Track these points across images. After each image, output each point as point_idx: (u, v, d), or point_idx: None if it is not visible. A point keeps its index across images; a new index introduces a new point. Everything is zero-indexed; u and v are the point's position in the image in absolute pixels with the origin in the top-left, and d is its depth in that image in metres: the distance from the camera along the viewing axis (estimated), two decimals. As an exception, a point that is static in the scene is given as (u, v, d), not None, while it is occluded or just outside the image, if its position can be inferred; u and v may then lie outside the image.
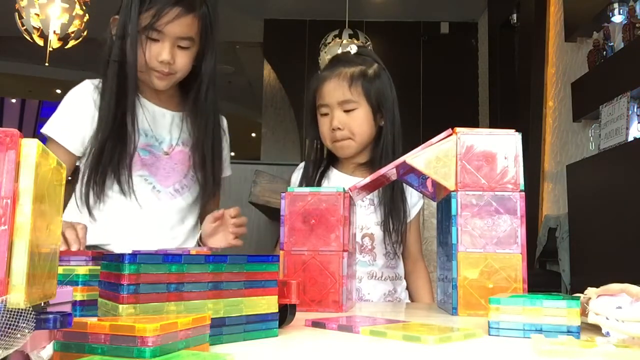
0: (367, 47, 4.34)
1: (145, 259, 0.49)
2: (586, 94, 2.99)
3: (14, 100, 9.73)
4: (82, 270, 0.61)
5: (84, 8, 3.72)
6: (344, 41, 4.30)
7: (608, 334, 0.58)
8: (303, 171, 1.44)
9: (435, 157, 0.88)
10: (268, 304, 0.58)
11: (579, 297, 0.67)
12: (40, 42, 3.65)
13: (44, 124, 1.29)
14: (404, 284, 1.41)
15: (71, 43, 3.77)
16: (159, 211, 1.30)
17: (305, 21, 5.86)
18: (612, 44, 2.79)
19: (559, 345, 0.51)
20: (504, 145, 0.87)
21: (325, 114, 1.37)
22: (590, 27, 3.04)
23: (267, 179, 1.85)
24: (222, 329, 0.53)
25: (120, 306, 0.47)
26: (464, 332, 0.60)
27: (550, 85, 3.79)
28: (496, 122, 4.72)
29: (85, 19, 3.74)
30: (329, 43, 4.38)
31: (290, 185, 1.45)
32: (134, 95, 1.23)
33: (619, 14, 2.75)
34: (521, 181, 0.86)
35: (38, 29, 3.58)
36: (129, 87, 1.21)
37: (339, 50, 4.22)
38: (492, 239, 0.84)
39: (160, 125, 1.32)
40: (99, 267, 0.55)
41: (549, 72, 3.80)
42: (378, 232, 1.35)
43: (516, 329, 0.62)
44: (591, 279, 1.70)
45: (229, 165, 1.44)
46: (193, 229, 1.36)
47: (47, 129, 1.27)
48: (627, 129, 2.46)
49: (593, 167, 2.59)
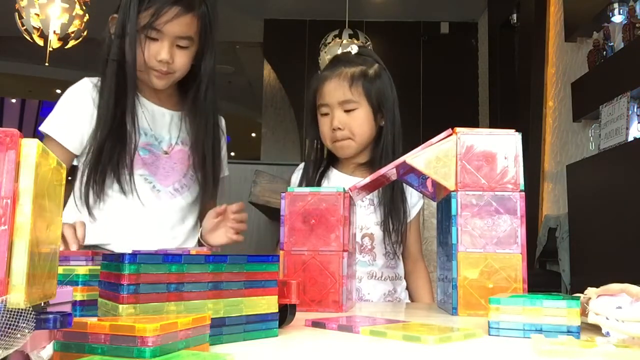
0: (367, 47, 4.34)
1: (145, 259, 0.49)
2: (586, 94, 2.99)
3: (14, 100, 9.74)
4: (82, 270, 0.61)
5: (84, 8, 3.72)
6: (344, 41, 4.30)
7: (608, 334, 0.58)
8: (303, 171, 1.44)
9: (435, 157, 0.88)
10: (268, 304, 0.58)
11: (579, 297, 0.67)
12: (40, 42, 3.65)
13: (43, 124, 1.29)
14: (403, 284, 1.41)
15: (71, 43, 3.77)
16: (159, 211, 1.30)
17: (305, 21, 5.86)
18: (612, 44, 2.79)
19: (559, 345, 0.51)
20: (504, 145, 0.87)
21: (325, 114, 1.37)
22: (590, 27, 3.04)
23: (267, 179, 1.85)
24: (222, 329, 0.53)
25: (120, 306, 0.47)
26: (464, 332, 0.60)
27: (550, 85, 3.79)
28: (496, 122, 4.72)
29: (85, 19, 3.74)
30: (329, 43, 4.38)
31: (290, 186, 1.45)
32: (133, 94, 1.23)
33: (619, 14, 2.75)
34: (521, 181, 0.86)
35: (38, 29, 3.58)
36: (128, 86, 1.21)
37: (339, 50, 4.22)
38: (492, 239, 0.84)
39: (160, 125, 1.32)
40: (99, 267, 0.55)
41: (549, 72, 3.80)
42: (378, 232, 1.35)
43: (516, 329, 0.62)
44: (591, 279, 1.70)
45: (226, 165, 1.44)
46: (193, 228, 1.36)
47: (45, 127, 1.27)
48: (627, 129, 2.46)
49: (593, 167, 2.59)
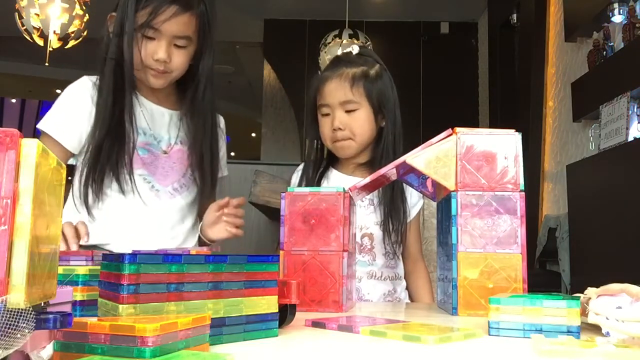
0: (367, 47, 4.34)
1: (145, 259, 0.49)
2: (586, 94, 2.99)
3: (14, 100, 9.74)
4: (82, 270, 0.61)
5: (84, 8, 3.72)
6: (344, 41, 4.30)
7: (608, 334, 0.58)
8: (302, 172, 1.44)
9: (435, 157, 0.88)
10: (268, 304, 0.58)
11: (579, 297, 0.67)
12: (40, 42, 3.65)
13: (43, 124, 1.29)
14: (403, 284, 1.41)
15: (71, 43, 3.77)
16: (158, 210, 1.29)
17: (305, 21, 5.86)
18: (612, 44, 2.79)
19: (559, 345, 0.51)
20: (504, 145, 0.87)
21: (326, 114, 1.36)
22: (590, 27, 3.04)
23: (267, 179, 1.85)
24: (222, 329, 0.53)
25: (120, 306, 0.47)
26: (464, 332, 0.60)
27: (550, 85, 3.79)
28: (496, 122, 4.72)
29: (85, 19, 3.74)
30: (329, 43, 4.38)
31: (290, 186, 1.45)
32: (131, 93, 1.23)
33: (619, 14, 2.75)
34: (521, 181, 0.86)
35: (38, 29, 3.58)
36: (126, 84, 1.21)
37: (339, 50, 4.22)
38: (492, 239, 0.84)
39: (159, 124, 1.32)
40: (99, 267, 0.55)
41: (549, 72, 3.80)
42: (377, 232, 1.35)
43: (516, 329, 0.62)
44: (591, 279, 1.70)
45: (225, 165, 1.44)
46: (192, 228, 1.36)
47: (43, 124, 1.26)
48: (627, 129, 2.46)
49: (593, 167, 2.59)
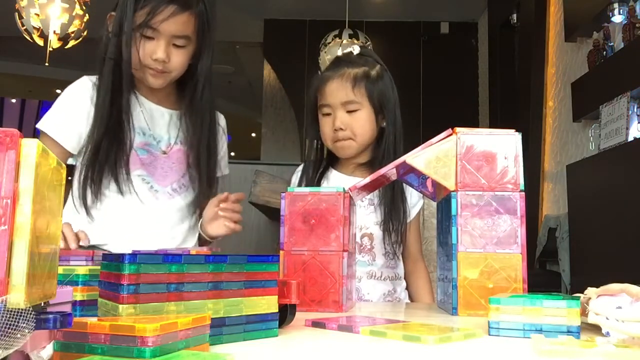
0: (367, 47, 4.34)
1: (145, 259, 0.49)
2: (586, 94, 2.99)
3: (14, 100, 9.74)
4: (82, 270, 0.61)
5: (84, 8, 3.72)
6: (344, 41, 4.30)
7: (608, 334, 0.58)
8: (302, 172, 1.44)
9: (435, 157, 0.88)
10: (268, 304, 0.58)
11: (579, 297, 0.67)
12: (40, 42, 3.64)
13: (43, 124, 1.29)
14: (403, 284, 1.41)
15: (71, 43, 3.77)
16: (156, 211, 1.29)
17: (305, 21, 5.86)
18: (612, 44, 2.79)
19: (559, 345, 0.51)
20: (504, 145, 0.87)
21: (327, 114, 1.36)
22: (590, 27, 3.04)
23: (267, 179, 1.85)
24: (222, 329, 0.53)
25: (120, 306, 0.47)
26: (464, 332, 0.60)
27: (550, 85, 3.79)
28: (496, 122, 4.72)
29: (85, 19, 3.74)
30: (329, 43, 4.38)
31: (290, 187, 1.45)
32: (129, 93, 1.23)
33: (619, 14, 2.75)
34: (521, 181, 0.86)
35: (38, 29, 3.58)
36: (124, 84, 1.20)
37: (339, 50, 4.22)
38: (492, 239, 0.84)
39: (159, 124, 1.32)
40: (99, 267, 0.55)
41: (549, 72, 3.80)
42: (377, 232, 1.35)
43: (516, 329, 0.62)
44: (591, 279, 1.70)
45: (226, 164, 1.43)
46: (192, 228, 1.36)
47: (42, 124, 1.27)
48: (627, 129, 2.46)
49: (593, 167, 2.59)
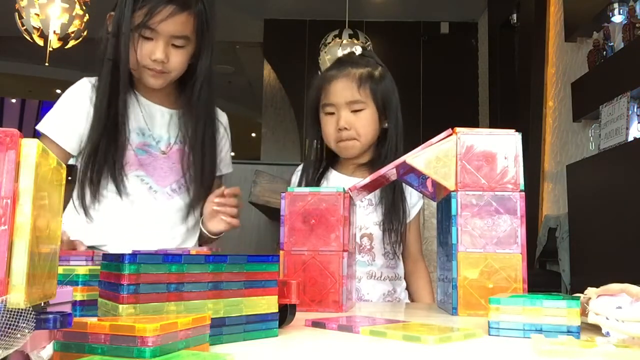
0: (367, 47, 4.34)
1: (145, 259, 0.49)
2: (586, 94, 2.99)
3: (14, 100, 9.74)
4: (82, 270, 0.61)
5: (84, 8, 3.72)
6: (344, 41, 4.30)
7: (608, 334, 0.58)
8: (302, 172, 1.44)
9: (435, 157, 0.88)
10: (268, 304, 0.58)
11: (579, 297, 0.67)
12: (40, 42, 3.65)
13: (43, 124, 1.29)
14: (403, 284, 1.41)
15: (71, 43, 3.77)
16: (155, 211, 1.29)
17: (305, 21, 5.86)
18: (612, 44, 2.79)
19: (559, 345, 0.51)
20: (504, 145, 0.87)
21: (330, 113, 1.36)
22: (590, 27, 3.04)
23: (267, 179, 1.85)
24: (222, 329, 0.53)
25: (120, 306, 0.47)
26: (464, 332, 0.60)
27: (550, 85, 3.79)
28: (496, 122, 4.72)
29: (85, 19, 3.74)
30: (329, 43, 4.37)
31: (290, 187, 1.45)
32: (126, 93, 1.23)
33: (619, 14, 2.75)
34: (521, 181, 0.86)
35: (38, 29, 3.58)
36: (121, 85, 1.20)
37: (339, 50, 4.22)
38: (492, 239, 0.84)
39: (158, 124, 1.32)
40: (99, 267, 0.55)
41: (549, 72, 3.80)
42: (377, 232, 1.35)
43: (516, 329, 0.62)
44: (591, 279, 1.70)
45: (229, 163, 1.43)
46: (192, 228, 1.35)
47: (42, 126, 1.27)
48: (627, 129, 2.46)
49: (593, 167, 2.59)
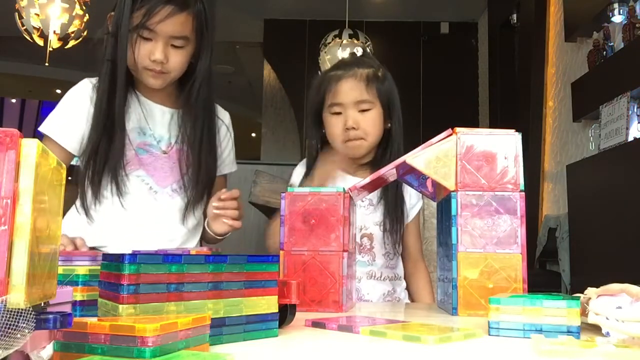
0: (367, 47, 4.34)
1: (145, 259, 0.49)
2: (586, 94, 2.99)
3: (14, 100, 9.74)
4: (82, 270, 0.61)
5: (84, 8, 3.72)
6: (344, 41, 4.30)
7: (608, 334, 0.58)
8: (306, 171, 1.44)
9: (435, 157, 0.88)
10: (268, 304, 0.58)
11: (579, 297, 0.67)
12: (40, 42, 3.64)
13: (44, 124, 1.30)
14: (403, 284, 1.41)
15: (71, 43, 3.76)
16: (156, 212, 1.29)
17: (305, 21, 5.86)
18: (612, 44, 2.79)
19: (559, 345, 0.51)
20: (504, 145, 0.87)
21: (337, 113, 1.36)
22: (590, 27, 3.04)
23: (267, 179, 1.85)
24: (222, 329, 0.53)
25: (120, 306, 0.47)
26: (464, 332, 0.60)
27: (550, 85, 3.79)
28: (496, 122, 4.72)
29: (85, 19, 3.74)
30: (329, 43, 4.37)
31: (291, 181, 1.45)
32: (126, 93, 1.23)
33: (619, 14, 2.75)
34: (521, 181, 0.86)
35: (38, 29, 3.58)
36: (118, 85, 1.20)
37: (339, 50, 4.22)
38: (492, 239, 0.84)
39: (159, 123, 1.32)
40: (99, 267, 0.55)
41: (549, 72, 3.80)
42: (377, 232, 1.35)
43: (516, 329, 0.62)
44: (591, 279, 1.70)
45: (233, 162, 1.43)
46: (194, 228, 1.35)
47: (44, 127, 1.27)
48: (627, 129, 2.46)
49: (593, 167, 2.59)
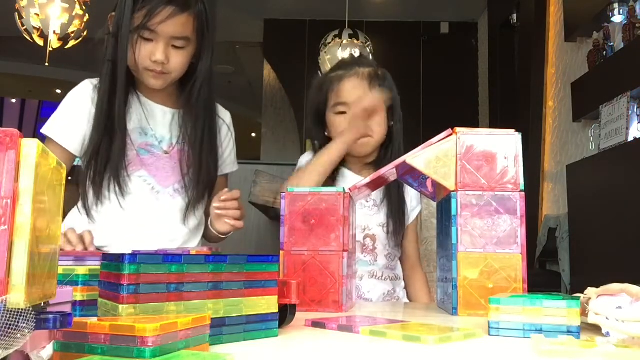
0: (367, 47, 4.35)
1: (145, 259, 0.49)
2: (586, 94, 2.99)
3: (14, 100, 9.74)
4: (82, 270, 0.61)
5: (84, 8, 3.72)
6: (344, 41, 4.30)
7: (608, 334, 0.58)
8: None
9: (435, 157, 0.88)
10: (268, 304, 0.58)
11: (579, 297, 0.67)
12: (40, 42, 3.64)
13: (44, 124, 1.30)
14: (402, 284, 1.43)
15: (71, 43, 3.77)
16: (158, 212, 1.29)
17: (305, 21, 5.86)
18: (612, 44, 2.79)
19: (559, 345, 0.51)
20: (504, 145, 0.87)
21: (342, 113, 1.37)
22: (590, 27, 3.04)
23: (267, 179, 1.85)
24: (222, 329, 0.53)
25: (120, 306, 0.47)
26: (464, 332, 0.60)
27: (550, 85, 3.79)
28: (496, 122, 4.72)
29: (85, 19, 3.74)
30: (329, 43, 4.37)
31: (298, 166, 1.44)
32: (127, 94, 1.23)
33: (619, 14, 2.75)
34: (521, 181, 0.86)
35: (38, 29, 3.58)
36: (118, 86, 1.20)
37: (339, 50, 4.22)
38: (492, 239, 0.84)
39: (160, 124, 1.32)
40: (99, 267, 0.55)
41: (549, 72, 3.80)
42: (380, 233, 1.36)
43: (516, 329, 0.62)
44: (591, 279, 1.70)
45: (234, 161, 1.44)
46: (195, 228, 1.35)
47: (46, 129, 1.28)
48: (627, 129, 2.46)
49: (593, 167, 2.59)
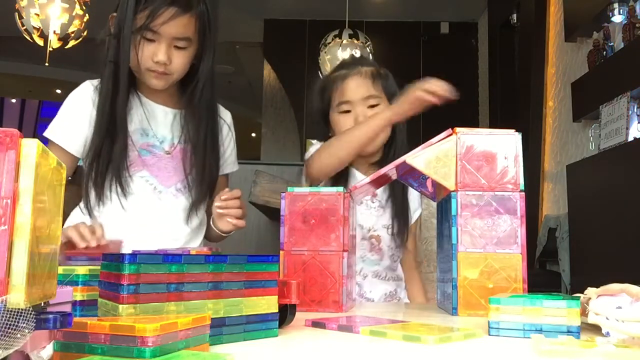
0: (367, 47, 4.35)
1: (145, 259, 0.49)
2: (586, 94, 2.99)
3: (14, 100, 9.73)
4: (82, 270, 0.61)
5: (84, 8, 3.72)
6: (344, 41, 4.30)
7: (608, 334, 0.58)
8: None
9: (435, 157, 0.88)
10: (268, 304, 0.58)
11: (579, 297, 0.67)
12: (40, 42, 3.64)
13: (44, 124, 1.31)
14: (403, 284, 1.43)
15: (71, 43, 3.77)
16: (160, 212, 1.29)
17: (305, 21, 5.86)
18: (612, 44, 2.79)
19: (559, 345, 0.51)
20: (504, 145, 0.87)
21: (346, 111, 1.37)
22: (590, 27, 3.04)
23: (267, 179, 1.85)
24: (222, 329, 0.53)
25: (120, 306, 0.47)
26: (464, 332, 0.60)
27: (550, 85, 3.79)
28: (496, 122, 4.72)
29: (85, 19, 3.74)
30: (329, 43, 4.37)
31: (306, 156, 1.44)
32: (128, 95, 1.23)
33: (619, 14, 2.75)
34: (521, 181, 0.86)
35: (38, 29, 3.58)
36: (121, 86, 1.20)
37: (339, 50, 4.22)
38: (492, 239, 0.84)
39: (162, 124, 1.32)
40: (99, 267, 0.55)
41: (549, 72, 3.80)
42: (385, 234, 1.37)
43: (516, 329, 0.62)
44: (591, 279, 1.70)
45: (235, 161, 1.44)
46: (197, 228, 1.35)
47: (48, 132, 1.28)
48: (627, 129, 2.46)
49: (593, 167, 2.59)
